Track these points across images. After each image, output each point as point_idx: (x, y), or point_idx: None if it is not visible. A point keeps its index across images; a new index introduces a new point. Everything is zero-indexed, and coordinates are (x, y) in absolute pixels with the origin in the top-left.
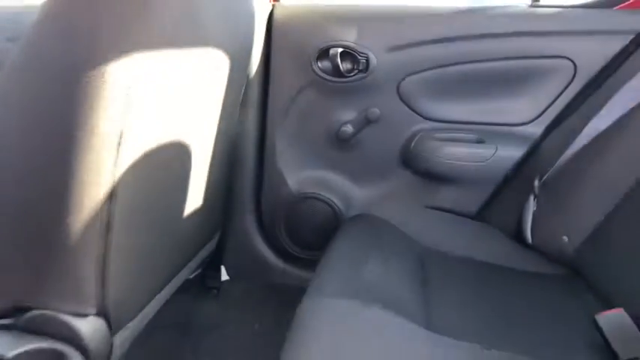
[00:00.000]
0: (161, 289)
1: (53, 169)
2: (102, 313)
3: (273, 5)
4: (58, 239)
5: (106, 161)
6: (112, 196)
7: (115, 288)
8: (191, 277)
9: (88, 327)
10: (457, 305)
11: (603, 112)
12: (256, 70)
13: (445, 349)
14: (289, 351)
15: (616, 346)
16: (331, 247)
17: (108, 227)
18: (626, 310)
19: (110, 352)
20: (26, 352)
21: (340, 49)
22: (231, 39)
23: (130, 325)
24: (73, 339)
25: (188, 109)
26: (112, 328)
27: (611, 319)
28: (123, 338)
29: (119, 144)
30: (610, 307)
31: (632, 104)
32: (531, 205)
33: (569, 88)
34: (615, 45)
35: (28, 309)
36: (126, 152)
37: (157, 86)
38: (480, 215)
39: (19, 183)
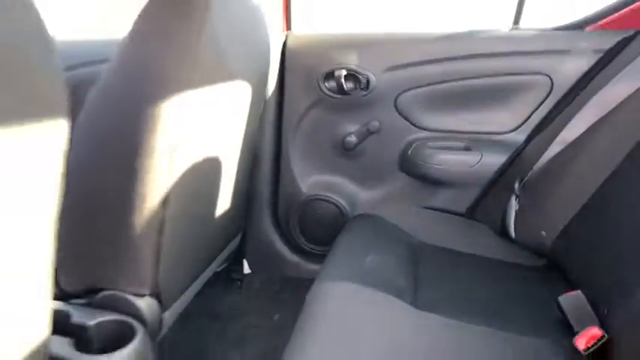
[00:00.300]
0: (196, 277)
1: (120, 183)
2: (155, 294)
3: (287, 34)
4: (123, 237)
5: (160, 177)
6: (165, 203)
7: (165, 275)
8: (218, 269)
9: (145, 304)
10: (441, 288)
11: (574, 121)
12: (272, 91)
13: (427, 323)
14: (301, 324)
15: (572, 320)
16: (337, 242)
17: (161, 228)
18: (585, 292)
19: (160, 326)
20: (102, 322)
21: (344, 71)
22: (253, 67)
23: (174, 305)
24: (134, 313)
25: (219, 129)
26: (163, 306)
27: (570, 299)
28: (169, 316)
29: (170, 163)
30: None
31: (599, 115)
32: (513, 205)
33: (547, 100)
34: (586, 62)
35: (100, 290)
36: (174, 169)
37: (197, 112)
38: (469, 213)
39: (93, 193)
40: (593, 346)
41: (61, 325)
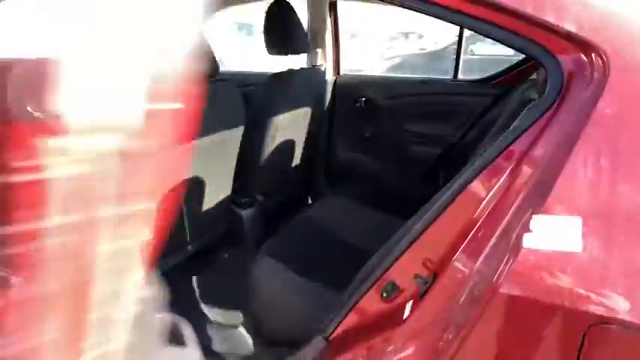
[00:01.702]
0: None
1: (251, 153)
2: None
3: (336, 77)
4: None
5: (267, 147)
6: (266, 160)
7: (268, 190)
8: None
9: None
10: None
11: (472, 133)
12: (327, 107)
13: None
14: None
15: None
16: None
17: (262, 172)
18: None
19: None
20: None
21: (364, 98)
22: (314, 98)
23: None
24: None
25: (298, 129)
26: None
27: None
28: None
29: (273, 141)
30: None
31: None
32: (441, 174)
33: (467, 121)
34: (487, 101)
35: None
36: (274, 144)
37: (283, 123)
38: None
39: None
40: None
41: None
